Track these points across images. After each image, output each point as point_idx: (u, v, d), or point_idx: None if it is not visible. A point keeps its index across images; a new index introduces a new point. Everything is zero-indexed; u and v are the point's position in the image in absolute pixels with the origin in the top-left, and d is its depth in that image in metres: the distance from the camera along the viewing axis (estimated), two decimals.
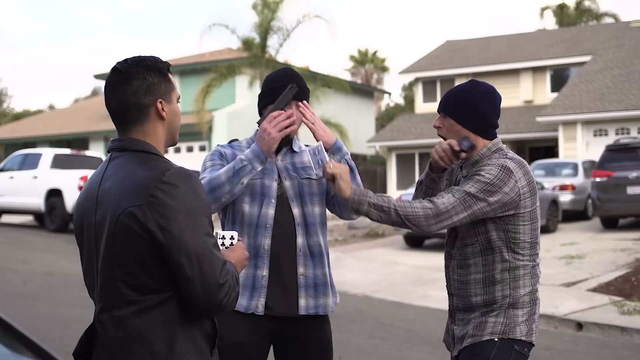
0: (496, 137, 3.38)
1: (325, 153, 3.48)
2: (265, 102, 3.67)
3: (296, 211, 3.62)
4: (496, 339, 3.21)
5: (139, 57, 2.58)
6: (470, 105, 3.30)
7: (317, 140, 3.69)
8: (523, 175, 3.22)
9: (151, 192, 2.35)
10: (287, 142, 3.69)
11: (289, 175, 3.66)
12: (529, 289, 3.31)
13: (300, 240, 3.60)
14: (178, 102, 2.64)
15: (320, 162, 3.49)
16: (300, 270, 3.59)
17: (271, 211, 3.58)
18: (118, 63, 2.56)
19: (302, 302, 3.58)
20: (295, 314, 3.57)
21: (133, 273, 2.38)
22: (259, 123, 3.61)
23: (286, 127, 3.50)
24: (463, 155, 3.33)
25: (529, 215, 3.27)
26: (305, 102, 3.67)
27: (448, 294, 3.45)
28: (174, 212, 2.35)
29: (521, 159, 3.31)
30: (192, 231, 2.36)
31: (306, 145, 3.82)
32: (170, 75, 2.62)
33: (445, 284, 3.49)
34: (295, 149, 3.74)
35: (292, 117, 3.52)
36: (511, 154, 3.33)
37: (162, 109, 2.55)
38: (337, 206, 3.74)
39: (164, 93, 2.56)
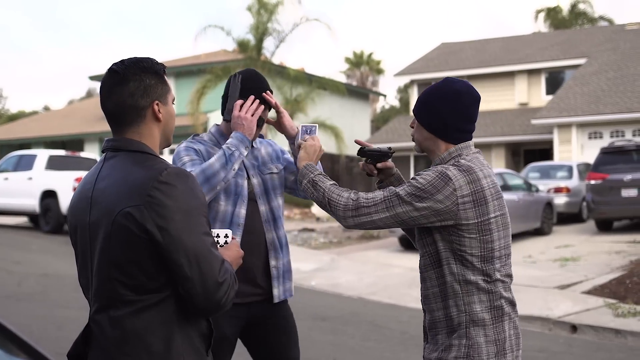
0: (466, 141, 3.15)
1: (312, 131, 3.60)
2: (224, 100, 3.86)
3: (262, 208, 3.86)
4: None
5: (136, 58, 2.58)
6: (433, 106, 3.13)
7: (281, 128, 3.92)
8: (466, 183, 2.96)
9: (149, 192, 2.35)
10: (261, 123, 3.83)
11: (255, 173, 3.89)
12: (486, 305, 3.00)
13: (269, 235, 3.86)
14: (173, 103, 2.64)
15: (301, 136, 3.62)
16: (272, 262, 3.85)
17: (243, 210, 3.79)
18: (114, 64, 2.56)
19: (275, 291, 3.86)
20: (270, 302, 3.87)
21: (130, 273, 2.38)
22: (225, 119, 3.81)
23: (257, 110, 3.73)
24: (379, 165, 3.39)
25: (476, 228, 2.97)
26: (268, 92, 3.83)
27: (423, 309, 3.26)
28: (171, 212, 2.35)
29: (474, 166, 3.03)
30: (190, 230, 2.37)
31: (260, 137, 4.05)
32: (166, 77, 2.62)
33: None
34: (255, 144, 3.97)
35: (256, 100, 3.73)
36: (465, 160, 3.05)
37: (159, 110, 2.55)
38: (293, 188, 4.02)
39: (160, 95, 2.56)
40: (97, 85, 64.41)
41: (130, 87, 2.51)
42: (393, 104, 60.53)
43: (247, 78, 3.83)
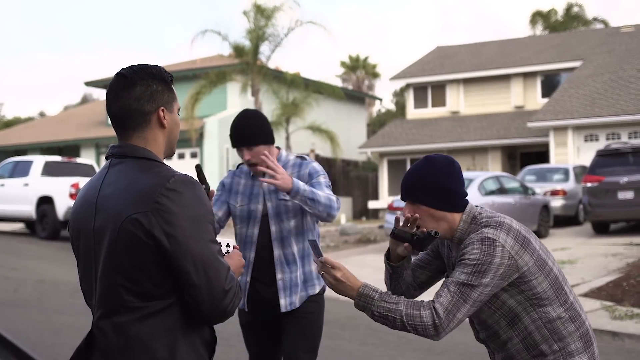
0: (467, 205, 3.18)
1: (317, 248, 3.17)
2: (238, 146, 4.46)
3: (273, 228, 4.44)
4: None
5: (144, 64, 2.60)
6: (439, 185, 3.12)
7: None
8: (506, 235, 3.01)
9: (156, 199, 2.35)
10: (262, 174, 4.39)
11: (270, 197, 4.44)
12: (577, 334, 3.08)
13: (276, 252, 4.42)
14: (178, 113, 2.65)
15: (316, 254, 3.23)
16: (279, 275, 4.42)
17: (256, 230, 4.46)
18: (123, 69, 2.57)
19: (282, 301, 4.42)
20: (278, 311, 4.46)
21: (135, 279, 2.38)
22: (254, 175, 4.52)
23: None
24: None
25: (535, 266, 3.03)
26: (265, 152, 4.33)
27: None
28: (179, 218, 2.35)
29: (498, 218, 3.10)
30: (197, 238, 2.37)
31: (298, 157, 4.59)
32: (172, 86, 2.63)
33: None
34: (283, 164, 4.48)
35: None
36: (484, 218, 3.12)
37: (164, 117, 2.55)
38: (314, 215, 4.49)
39: (167, 102, 2.57)
40: (92, 91, 64.52)
41: (137, 91, 2.51)
42: (389, 108, 60.56)
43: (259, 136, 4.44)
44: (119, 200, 2.41)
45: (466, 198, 3.20)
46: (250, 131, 4.40)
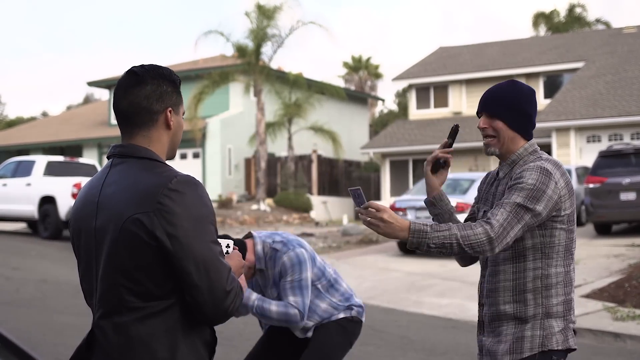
0: (532, 137, 3.35)
1: (359, 197, 3.10)
2: None
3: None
4: (535, 353, 3.12)
5: (156, 64, 2.61)
6: (517, 106, 3.28)
7: None
8: (560, 176, 3.15)
9: (158, 199, 2.35)
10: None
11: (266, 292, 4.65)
12: (562, 298, 3.17)
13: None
14: (183, 116, 2.66)
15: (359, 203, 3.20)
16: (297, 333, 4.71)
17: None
18: (134, 67, 2.58)
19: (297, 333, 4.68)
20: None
21: (137, 279, 2.38)
22: None
23: None
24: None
25: (567, 218, 3.16)
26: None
27: (479, 304, 3.36)
28: (181, 219, 2.35)
29: (557, 160, 3.25)
30: (199, 238, 2.37)
31: (272, 247, 4.57)
32: (180, 89, 2.64)
33: (478, 294, 3.41)
34: (262, 267, 4.57)
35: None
36: (546, 155, 3.26)
37: (171, 118, 2.56)
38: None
39: (174, 104, 2.58)
40: (95, 91, 64.53)
41: (147, 89, 2.52)
42: (391, 108, 60.53)
43: None
44: (121, 200, 2.41)
45: (533, 131, 3.34)
46: None
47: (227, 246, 2.70)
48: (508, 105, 3.28)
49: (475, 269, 3.92)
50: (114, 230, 2.40)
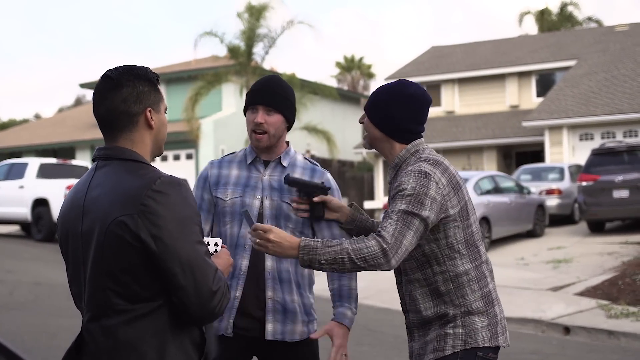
0: (417, 139, 3.21)
1: (250, 218, 3.05)
2: (244, 109, 3.61)
3: None
4: (458, 351, 3.07)
5: (130, 66, 2.58)
6: (386, 109, 3.16)
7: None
8: (441, 174, 3.05)
9: (142, 201, 2.34)
10: (274, 156, 3.62)
11: (270, 195, 3.54)
12: (479, 294, 3.11)
13: (269, 263, 3.50)
14: (165, 113, 2.63)
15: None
16: (269, 294, 3.50)
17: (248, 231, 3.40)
18: (108, 70, 2.56)
19: (269, 326, 3.50)
20: (263, 338, 3.52)
21: (123, 282, 2.37)
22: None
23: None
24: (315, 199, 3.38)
25: (458, 214, 3.07)
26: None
27: (403, 311, 3.31)
28: (165, 220, 2.34)
29: (438, 158, 3.13)
30: (184, 239, 2.36)
31: (306, 159, 3.70)
32: (159, 86, 2.62)
33: (400, 302, 3.34)
34: (285, 163, 3.61)
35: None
36: (426, 154, 3.14)
37: (151, 117, 2.54)
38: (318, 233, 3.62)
39: (153, 102, 2.56)
40: (86, 92, 64.38)
41: (124, 92, 2.50)
42: None
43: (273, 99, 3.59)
44: (106, 203, 2.40)
45: (417, 135, 3.21)
46: (278, 94, 3.56)
47: (216, 244, 2.69)
48: (378, 105, 3.19)
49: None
50: (99, 233, 2.39)
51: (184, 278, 2.34)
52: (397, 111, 3.15)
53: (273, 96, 3.53)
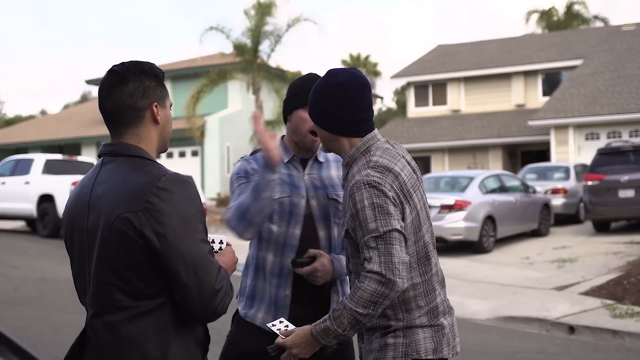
0: (368, 132, 2.98)
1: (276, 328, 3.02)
2: (292, 107, 3.48)
3: (322, 233, 3.47)
4: None
5: (136, 61, 2.58)
6: (322, 105, 2.96)
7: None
8: (391, 183, 2.83)
9: (147, 198, 2.34)
10: (311, 154, 3.54)
11: (315, 194, 3.48)
12: (424, 310, 2.93)
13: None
14: (170, 109, 2.64)
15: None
16: (334, 297, 3.46)
17: (297, 231, 3.43)
18: (115, 65, 2.55)
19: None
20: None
21: (127, 278, 2.37)
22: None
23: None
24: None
25: (410, 226, 2.87)
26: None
27: None
28: (169, 218, 2.34)
29: (388, 163, 2.88)
30: (187, 237, 2.36)
31: None
32: (164, 82, 2.62)
33: None
34: (321, 159, 3.57)
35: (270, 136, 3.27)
36: (376, 156, 2.90)
37: (158, 112, 2.54)
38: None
39: (159, 98, 2.55)
40: (93, 89, 64.41)
41: (130, 87, 2.49)
42: (390, 106, 60.56)
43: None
44: (111, 199, 2.40)
45: (365, 123, 2.97)
46: None
47: (221, 242, 2.68)
48: (314, 106, 3.00)
49: (475, 266, 3.91)
50: (103, 229, 2.39)
51: (187, 276, 2.34)
52: (331, 104, 2.93)
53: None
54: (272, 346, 2.98)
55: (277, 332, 2.92)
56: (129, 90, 2.50)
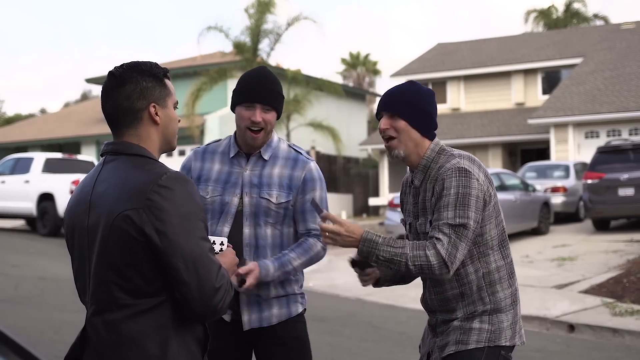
0: (435, 137, 3.27)
1: (318, 207, 3.17)
2: (234, 102, 3.61)
3: (247, 231, 3.54)
4: (483, 347, 3.08)
5: (135, 62, 2.59)
6: (419, 104, 3.19)
7: None
8: (478, 170, 3.09)
9: (148, 196, 2.35)
10: (255, 150, 3.61)
11: (249, 191, 3.56)
12: (508, 292, 3.16)
13: (247, 260, 3.52)
14: (175, 107, 2.63)
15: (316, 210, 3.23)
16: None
17: (226, 229, 3.53)
18: (114, 68, 2.57)
19: (245, 318, 3.56)
20: (243, 334, 3.60)
21: (127, 276, 2.38)
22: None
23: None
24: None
25: (494, 210, 3.12)
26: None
27: (428, 311, 3.32)
28: (170, 215, 2.35)
29: (468, 153, 3.18)
30: (188, 235, 2.37)
31: (291, 147, 3.68)
32: (166, 81, 2.61)
33: (422, 304, 3.36)
34: (266, 157, 3.61)
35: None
36: (457, 151, 3.18)
37: (156, 113, 2.54)
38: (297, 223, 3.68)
39: (158, 98, 2.56)
40: (92, 87, 64.41)
41: (127, 89, 2.51)
42: None
43: (270, 96, 3.59)
44: (112, 197, 2.41)
45: (436, 132, 3.26)
46: (275, 91, 3.58)
47: (222, 244, 2.70)
48: (409, 104, 3.19)
49: None
50: (104, 227, 2.40)
51: (186, 273, 2.35)
52: (432, 108, 3.22)
53: (271, 94, 3.54)
54: (314, 203, 3.16)
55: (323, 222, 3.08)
56: (126, 92, 2.51)
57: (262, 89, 3.53)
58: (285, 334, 3.61)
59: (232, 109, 3.63)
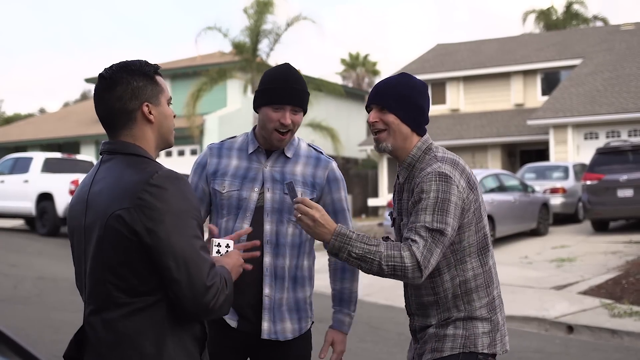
0: (426, 133, 3.16)
1: (294, 190, 3.06)
2: (260, 102, 3.42)
3: (268, 227, 3.41)
4: (458, 353, 3.02)
5: (124, 62, 2.58)
6: (409, 98, 3.08)
7: None
8: (460, 175, 3.00)
9: (139, 195, 2.36)
10: (276, 148, 3.48)
11: (272, 187, 3.44)
12: (485, 300, 3.07)
13: (267, 259, 3.40)
14: (170, 104, 2.62)
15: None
16: (266, 291, 3.41)
17: (245, 225, 3.39)
18: (104, 69, 2.57)
19: (265, 325, 3.43)
20: (256, 341, 3.47)
21: (122, 276, 2.39)
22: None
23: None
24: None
25: (474, 216, 3.02)
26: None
27: (408, 314, 3.26)
28: (161, 214, 2.35)
29: (454, 157, 3.07)
30: (179, 233, 2.36)
31: (310, 146, 3.60)
32: (158, 78, 2.60)
33: (405, 306, 3.29)
34: (288, 154, 3.50)
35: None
36: (440, 153, 3.08)
37: (149, 112, 2.54)
38: None
39: (151, 96, 2.55)
40: (92, 87, 64.37)
41: (118, 90, 2.51)
42: None
43: (297, 96, 3.43)
44: (106, 197, 2.43)
45: (426, 127, 3.16)
46: (304, 92, 3.44)
47: (227, 246, 2.70)
48: (400, 98, 3.08)
49: None
50: (99, 227, 2.41)
51: (177, 272, 2.35)
52: (424, 102, 3.13)
53: (299, 94, 3.41)
54: (290, 186, 3.04)
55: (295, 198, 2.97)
56: (117, 94, 2.51)
57: (291, 90, 3.38)
58: (291, 353, 3.57)
59: (255, 108, 3.47)
